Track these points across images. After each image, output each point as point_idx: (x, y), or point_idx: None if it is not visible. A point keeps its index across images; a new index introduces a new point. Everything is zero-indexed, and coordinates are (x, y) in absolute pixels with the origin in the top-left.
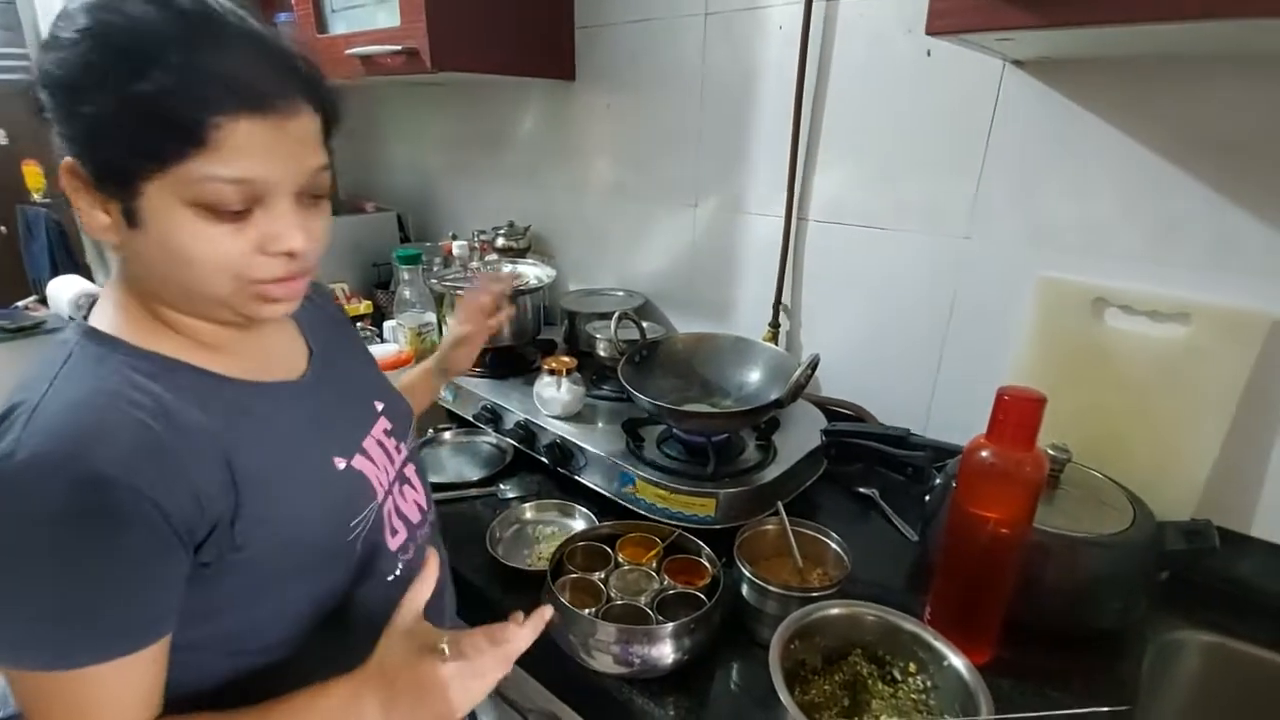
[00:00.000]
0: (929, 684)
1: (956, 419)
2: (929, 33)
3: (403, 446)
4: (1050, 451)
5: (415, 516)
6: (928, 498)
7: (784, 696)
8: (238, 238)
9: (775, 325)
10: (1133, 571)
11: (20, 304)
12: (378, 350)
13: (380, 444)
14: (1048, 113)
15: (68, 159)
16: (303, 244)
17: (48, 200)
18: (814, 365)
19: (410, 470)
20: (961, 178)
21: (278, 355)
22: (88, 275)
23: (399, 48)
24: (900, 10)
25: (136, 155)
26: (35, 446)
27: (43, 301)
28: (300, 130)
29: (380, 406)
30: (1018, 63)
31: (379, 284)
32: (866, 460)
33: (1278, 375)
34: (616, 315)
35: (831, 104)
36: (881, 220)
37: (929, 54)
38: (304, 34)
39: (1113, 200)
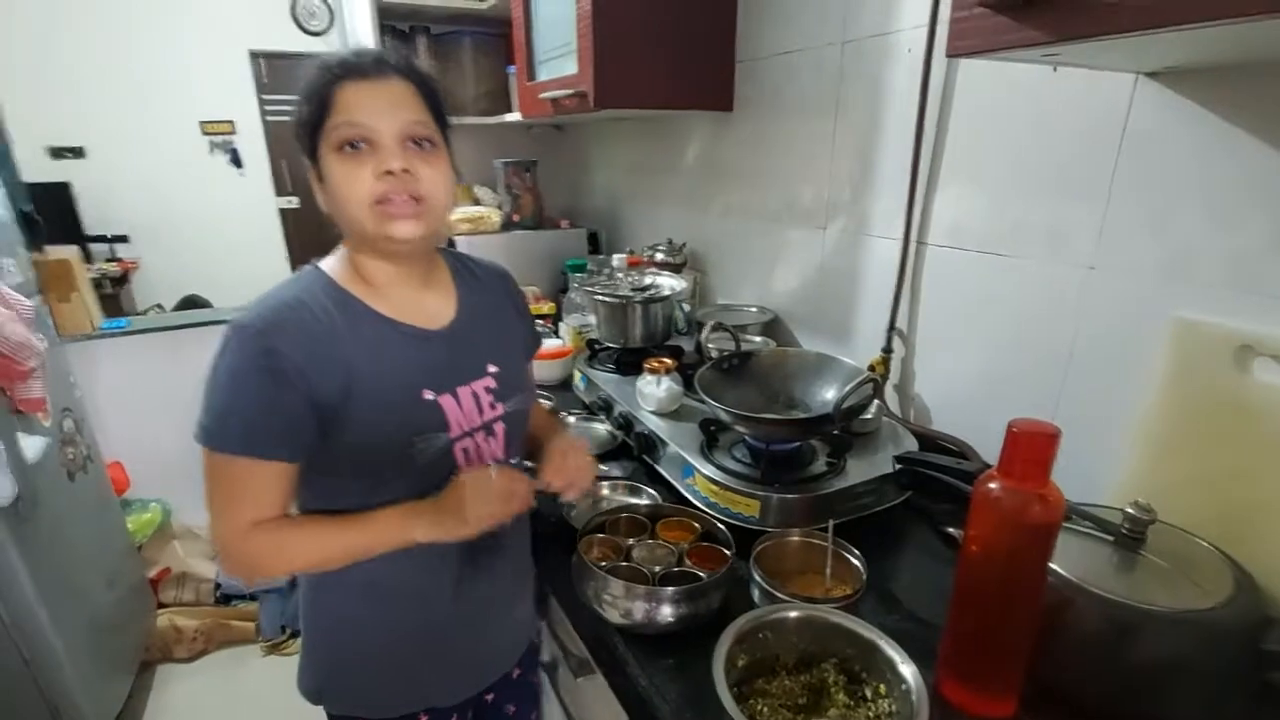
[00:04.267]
0: (894, 708)
1: (1075, 467)
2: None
3: (499, 406)
4: (1130, 509)
5: (488, 461)
6: None
7: (717, 673)
8: (362, 169)
9: (888, 350)
10: (1214, 659)
11: None
12: (547, 344)
13: (475, 395)
14: (1185, 129)
15: (305, 157)
16: (399, 164)
17: None
18: (869, 384)
19: (499, 428)
20: (1087, 202)
21: (423, 311)
22: None
23: (572, 91)
24: None
25: (312, 129)
26: (247, 319)
27: None
28: (393, 93)
29: (493, 369)
30: (1151, 75)
31: (564, 289)
32: (946, 496)
33: None
34: (709, 325)
35: (955, 124)
36: (1000, 246)
37: (1055, 70)
38: (519, 82)
39: (1264, 229)
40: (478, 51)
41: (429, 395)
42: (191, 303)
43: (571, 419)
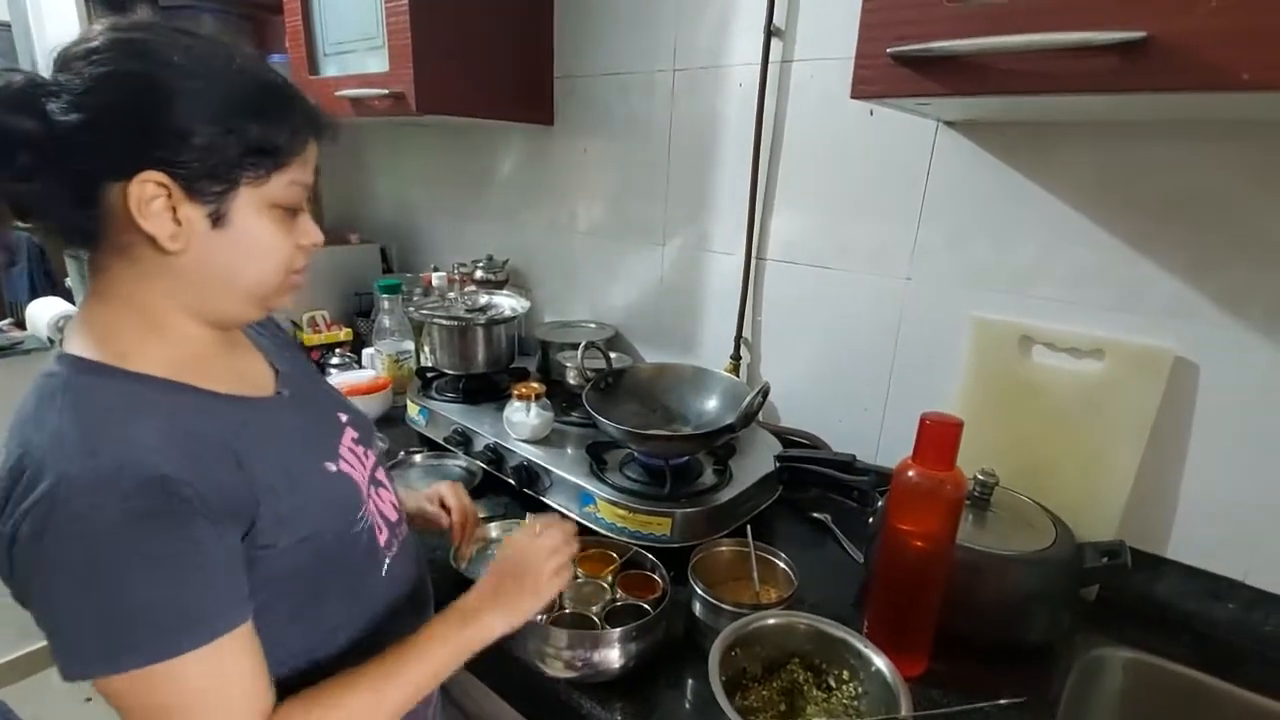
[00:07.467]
0: (860, 690)
1: (905, 447)
2: (853, 97)
3: (370, 453)
4: (979, 476)
5: (392, 516)
6: (870, 520)
7: (719, 696)
8: (289, 235)
9: (736, 358)
10: (1055, 587)
11: None
12: (355, 376)
13: (352, 450)
14: (975, 168)
15: (151, 173)
16: (321, 238)
17: (29, 225)
18: (765, 392)
19: (381, 474)
20: (901, 224)
21: (249, 375)
22: (68, 298)
23: (386, 91)
24: (844, 75)
25: (250, 166)
26: (83, 466)
27: (20, 325)
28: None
29: (345, 418)
30: (950, 124)
31: (359, 312)
32: (819, 486)
33: (1183, 407)
34: (583, 345)
35: (787, 154)
36: (832, 261)
37: (871, 113)
38: (297, 75)
39: (1034, 248)
40: (222, 32)
41: (331, 467)
42: None
43: (417, 458)
